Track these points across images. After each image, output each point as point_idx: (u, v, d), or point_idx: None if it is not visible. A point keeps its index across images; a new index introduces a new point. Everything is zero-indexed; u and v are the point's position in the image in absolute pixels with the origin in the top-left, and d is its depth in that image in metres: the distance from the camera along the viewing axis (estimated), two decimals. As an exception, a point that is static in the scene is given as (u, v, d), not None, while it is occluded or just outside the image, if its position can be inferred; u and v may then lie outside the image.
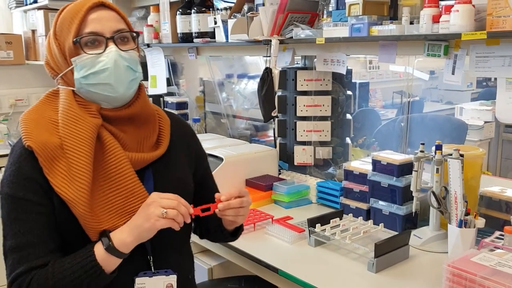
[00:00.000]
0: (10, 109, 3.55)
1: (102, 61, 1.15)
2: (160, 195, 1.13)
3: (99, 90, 1.17)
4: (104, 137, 1.17)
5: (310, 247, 1.66)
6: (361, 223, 1.73)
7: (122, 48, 1.18)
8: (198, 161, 1.40)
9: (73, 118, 1.15)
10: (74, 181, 1.11)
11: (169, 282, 1.22)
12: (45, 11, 3.27)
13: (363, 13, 1.69)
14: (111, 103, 1.20)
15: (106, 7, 1.19)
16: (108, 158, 1.16)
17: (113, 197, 1.15)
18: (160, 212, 1.09)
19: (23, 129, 1.15)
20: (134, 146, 1.21)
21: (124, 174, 1.16)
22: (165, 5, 2.70)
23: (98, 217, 1.13)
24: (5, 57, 3.46)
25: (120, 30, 1.18)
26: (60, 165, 1.12)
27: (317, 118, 2.24)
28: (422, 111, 3.78)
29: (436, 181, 1.58)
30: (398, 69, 2.84)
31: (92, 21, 1.15)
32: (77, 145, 1.13)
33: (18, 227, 1.12)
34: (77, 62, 1.16)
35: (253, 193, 2.10)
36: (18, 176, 1.13)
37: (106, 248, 1.10)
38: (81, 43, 1.15)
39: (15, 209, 1.12)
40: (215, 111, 3.17)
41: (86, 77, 1.16)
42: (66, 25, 1.16)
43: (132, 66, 1.19)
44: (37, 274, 1.09)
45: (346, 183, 1.93)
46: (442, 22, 1.49)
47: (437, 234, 1.65)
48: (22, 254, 1.11)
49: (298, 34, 1.97)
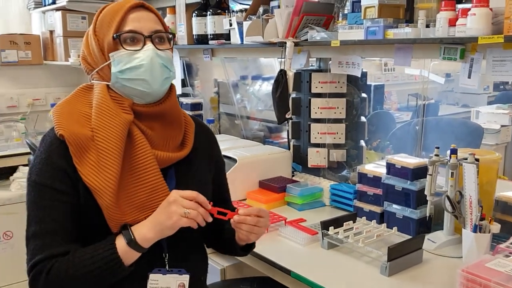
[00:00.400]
0: (27, 108, 3.60)
1: (139, 57, 1.20)
2: (180, 193, 1.16)
3: (134, 85, 1.21)
4: (134, 133, 1.20)
5: (323, 249, 1.66)
6: (374, 226, 1.73)
7: (158, 47, 1.22)
8: (218, 169, 1.44)
9: (107, 111, 1.19)
10: (102, 172, 1.14)
11: (181, 282, 1.24)
12: (63, 12, 3.31)
13: (379, 16, 1.68)
14: (144, 98, 1.23)
15: (146, 8, 1.24)
16: (135, 154, 1.19)
17: (137, 192, 1.18)
18: (182, 212, 1.13)
19: (56, 120, 1.19)
20: (161, 144, 1.25)
21: (150, 170, 1.19)
22: (181, 7, 2.73)
23: (121, 209, 1.16)
24: (23, 57, 3.51)
25: (158, 30, 1.23)
26: (90, 156, 1.16)
27: (331, 121, 2.24)
28: (437, 114, 3.75)
29: (451, 185, 1.58)
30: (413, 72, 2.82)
31: (132, 20, 1.20)
32: (108, 137, 1.16)
33: (43, 214, 1.15)
34: (115, 57, 1.20)
35: (266, 195, 2.11)
36: (47, 164, 1.16)
37: (127, 242, 1.13)
38: (120, 39, 1.19)
39: (41, 196, 1.15)
40: (229, 112, 3.19)
41: (123, 72, 1.20)
42: (107, 22, 1.21)
43: (167, 64, 1.23)
44: (57, 261, 1.12)
45: (360, 186, 1.93)
46: (459, 25, 1.49)
47: (451, 238, 1.64)
48: (44, 241, 1.13)
49: (313, 37, 1.97)
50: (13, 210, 2.85)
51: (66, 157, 1.16)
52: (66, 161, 1.16)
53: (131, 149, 1.19)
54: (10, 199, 2.87)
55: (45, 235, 1.14)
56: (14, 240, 2.89)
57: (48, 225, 1.14)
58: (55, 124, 1.18)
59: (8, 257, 2.87)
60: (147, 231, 1.15)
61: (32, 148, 2.47)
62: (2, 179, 3.07)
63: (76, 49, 3.28)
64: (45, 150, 1.19)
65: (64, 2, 3.17)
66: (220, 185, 1.46)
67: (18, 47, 3.48)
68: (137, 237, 1.14)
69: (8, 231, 2.89)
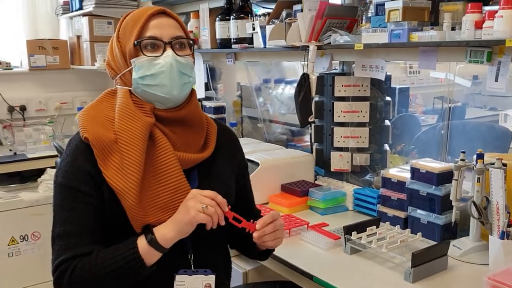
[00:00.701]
0: (55, 111, 3.68)
1: (159, 63, 1.22)
2: (199, 191, 1.18)
3: (154, 91, 1.23)
4: (156, 135, 1.23)
5: (346, 254, 1.65)
6: (398, 231, 1.70)
7: (178, 53, 1.24)
8: (241, 171, 1.45)
9: (129, 115, 1.22)
10: (125, 173, 1.17)
11: (207, 282, 1.25)
12: (90, 17, 3.38)
13: (403, 19, 1.67)
14: (165, 103, 1.26)
15: (167, 15, 1.26)
16: (158, 155, 1.21)
17: (160, 192, 1.20)
18: (200, 207, 1.14)
19: (81, 123, 1.23)
20: (183, 146, 1.27)
21: (172, 171, 1.21)
22: (205, 11, 2.75)
23: (144, 210, 1.18)
24: (51, 62, 3.59)
25: (178, 36, 1.25)
26: (114, 158, 1.19)
27: (354, 124, 2.22)
28: (464, 117, 3.68)
29: (477, 190, 1.54)
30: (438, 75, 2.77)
31: (152, 27, 1.23)
32: (131, 139, 1.19)
33: (68, 216, 1.18)
34: (136, 63, 1.23)
35: (289, 199, 2.11)
36: (73, 167, 1.20)
37: (148, 241, 1.15)
38: (141, 46, 1.22)
39: (67, 198, 1.19)
40: (251, 116, 3.19)
41: (143, 78, 1.23)
42: (129, 29, 1.24)
43: (186, 71, 1.25)
44: (81, 261, 1.15)
45: (384, 191, 1.91)
46: (486, 28, 1.46)
47: (478, 245, 1.61)
48: (69, 241, 1.17)
49: (336, 40, 1.97)
50: (41, 212, 2.92)
51: (91, 160, 1.19)
52: (91, 163, 1.19)
53: (154, 151, 1.22)
54: (38, 201, 2.93)
55: (69, 236, 1.17)
56: (41, 241, 2.96)
57: (72, 226, 1.18)
58: (80, 128, 1.22)
59: (36, 258, 2.93)
60: (167, 231, 1.17)
61: (59, 151, 2.52)
62: (31, 181, 3.14)
63: (102, 54, 3.34)
64: (71, 153, 1.22)
65: (91, 8, 3.24)
66: (244, 187, 1.47)
67: (47, 52, 3.56)
68: (158, 236, 1.16)
69: (36, 232, 2.96)
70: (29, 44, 3.51)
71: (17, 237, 2.92)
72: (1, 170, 3.01)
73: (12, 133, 3.37)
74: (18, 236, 2.91)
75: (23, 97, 3.57)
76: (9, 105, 3.50)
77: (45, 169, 3.08)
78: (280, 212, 2.01)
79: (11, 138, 3.32)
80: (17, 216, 2.88)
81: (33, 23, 3.68)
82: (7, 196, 2.93)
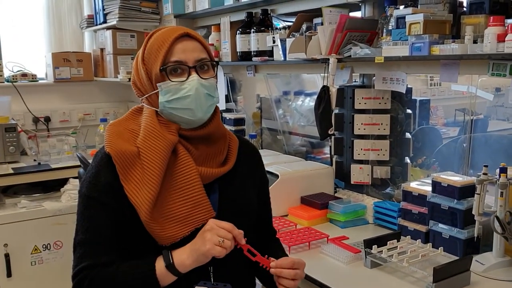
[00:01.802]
0: (78, 122, 3.76)
1: (185, 88, 1.26)
2: (217, 222, 1.20)
3: (180, 113, 1.27)
4: (179, 151, 1.26)
5: (366, 268, 1.63)
6: (419, 246, 1.69)
7: (202, 76, 1.27)
8: (261, 186, 1.47)
9: (153, 133, 1.26)
10: (143, 189, 1.20)
11: None
12: (113, 30, 3.45)
13: (424, 32, 1.66)
14: (190, 124, 1.30)
15: (191, 38, 1.29)
16: (180, 170, 1.25)
17: (180, 206, 1.23)
18: (217, 240, 1.16)
19: (106, 138, 1.27)
20: (204, 161, 1.30)
21: (193, 185, 1.24)
22: (226, 24, 2.79)
23: (161, 224, 1.21)
24: (76, 74, 3.68)
25: (202, 59, 1.28)
26: (135, 173, 1.22)
27: (375, 137, 2.21)
28: (486, 130, 3.62)
29: (500, 205, 1.52)
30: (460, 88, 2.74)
31: (177, 51, 1.26)
32: (153, 157, 1.22)
33: (88, 225, 1.23)
34: (163, 88, 1.27)
35: (308, 211, 2.10)
36: (96, 178, 1.24)
37: (166, 265, 1.18)
38: (166, 71, 1.25)
39: (88, 208, 1.24)
40: (271, 127, 3.20)
41: (170, 102, 1.26)
42: (154, 52, 1.27)
43: (210, 93, 1.29)
44: (100, 272, 1.19)
45: (405, 204, 1.89)
46: (508, 41, 1.45)
47: (502, 261, 1.58)
48: (89, 249, 1.21)
49: (356, 53, 1.97)
50: (63, 221, 2.97)
51: (113, 173, 1.23)
52: (113, 177, 1.23)
53: (176, 165, 1.25)
54: (61, 210, 2.99)
55: (90, 244, 1.22)
56: (63, 250, 3.01)
57: (92, 235, 1.22)
58: (105, 142, 1.26)
59: (58, 266, 2.98)
60: (185, 258, 1.19)
61: (82, 161, 2.57)
62: (54, 191, 3.20)
63: (124, 66, 3.41)
64: (95, 165, 1.27)
65: (114, 22, 3.31)
66: (263, 203, 1.48)
67: (71, 64, 3.65)
68: (176, 262, 1.19)
69: (58, 241, 3.01)
70: (54, 56, 3.60)
71: (40, 246, 2.97)
72: (25, 179, 3.08)
73: (37, 143, 3.45)
74: (41, 245, 2.97)
75: (47, 108, 3.66)
76: (34, 116, 3.59)
77: (68, 179, 3.14)
78: (300, 224, 2.03)
79: (36, 148, 3.39)
80: (40, 225, 2.94)
81: (59, 36, 3.78)
82: (31, 205, 2.99)
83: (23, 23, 3.68)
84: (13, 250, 2.87)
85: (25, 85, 3.55)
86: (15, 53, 3.61)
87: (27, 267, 2.93)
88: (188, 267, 1.20)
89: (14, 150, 3.20)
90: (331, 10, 2.11)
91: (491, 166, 1.60)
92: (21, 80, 3.53)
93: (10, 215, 2.88)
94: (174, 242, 1.22)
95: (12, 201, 3.04)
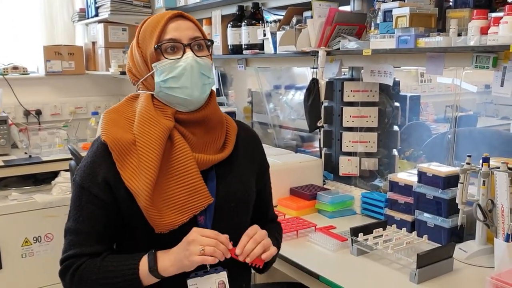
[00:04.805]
0: (70, 116, 3.76)
1: (180, 66, 1.25)
2: (200, 232, 1.19)
3: (176, 93, 1.26)
4: (175, 137, 1.26)
5: (352, 256, 1.67)
6: (404, 234, 1.72)
7: (198, 54, 1.27)
8: (260, 172, 1.46)
9: (149, 119, 1.25)
10: (141, 175, 1.20)
11: (220, 280, 1.26)
12: (105, 24, 3.46)
13: (410, 25, 1.70)
14: (187, 105, 1.29)
15: (184, 18, 1.30)
16: (176, 157, 1.25)
17: (177, 193, 1.23)
18: (198, 250, 1.16)
19: (102, 126, 1.27)
20: (201, 147, 1.30)
21: (190, 172, 1.24)
22: (217, 18, 2.81)
23: (160, 211, 1.21)
24: (67, 67, 3.68)
25: (196, 37, 1.28)
26: (132, 160, 1.23)
27: (363, 129, 2.25)
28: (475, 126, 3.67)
29: (483, 194, 1.56)
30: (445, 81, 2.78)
31: (171, 29, 1.26)
32: (149, 143, 1.22)
33: (79, 214, 1.24)
34: (158, 67, 1.26)
35: (297, 202, 2.13)
36: (90, 168, 1.25)
37: (149, 269, 1.19)
38: (161, 49, 1.25)
39: (79, 197, 1.25)
40: (262, 121, 3.23)
41: (166, 81, 1.26)
42: (148, 33, 1.28)
43: (205, 72, 1.29)
44: (85, 263, 1.21)
45: (391, 195, 1.93)
46: (491, 33, 1.48)
47: (484, 248, 1.62)
48: (77, 238, 1.24)
49: (345, 46, 2.00)
50: (54, 213, 2.98)
51: (108, 162, 1.23)
52: (107, 166, 1.23)
53: (172, 152, 1.25)
54: (52, 203, 2.99)
55: (78, 233, 1.24)
56: (54, 242, 3.01)
57: (81, 224, 1.24)
58: (101, 130, 1.26)
59: (49, 259, 2.98)
60: (169, 265, 1.20)
61: (73, 154, 2.58)
62: (45, 183, 3.21)
63: (116, 60, 3.41)
64: (91, 154, 1.27)
65: (106, 15, 3.31)
66: (263, 189, 1.47)
67: (62, 57, 3.64)
68: (159, 267, 1.20)
69: (49, 233, 3.02)
70: (46, 50, 3.60)
71: (30, 239, 2.98)
72: (16, 172, 3.08)
73: (28, 136, 3.44)
74: (31, 237, 2.98)
75: (38, 102, 3.65)
76: (25, 109, 3.58)
77: (59, 172, 3.14)
78: (288, 214, 2.06)
79: (27, 141, 3.39)
80: (31, 218, 2.95)
81: (50, 30, 3.77)
82: (22, 197, 3.00)
83: (14, 16, 3.66)
84: (4, 242, 2.88)
85: (16, 78, 3.54)
86: (6, 46, 3.60)
87: (17, 260, 2.93)
88: (172, 273, 1.20)
89: (4, 143, 3.20)
90: (321, 3, 2.14)
91: (476, 158, 1.64)
92: (12, 73, 3.52)
93: (1, 207, 2.88)
94: (172, 229, 1.22)
95: (3, 194, 3.04)
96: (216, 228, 1.26)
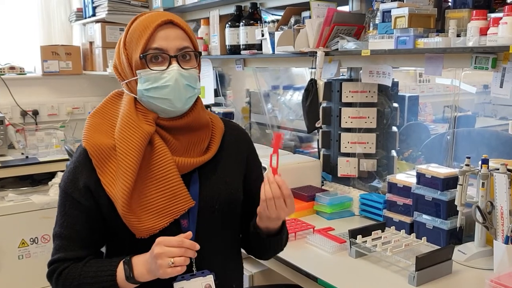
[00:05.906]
0: (67, 116, 3.75)
1: (164, 78, 1.22)
2: (164, 242, 1.15)
3: (158, 103, 1.24)
4: (155, 141, 1.24)
5: (351, 258, 1.66)
6: (403, 236, 1.71)
7: (184, 66, 1.24)
8: (249, 167, 1.42)
9: (129, 124, 1.24)
10: (119, 181, 1.20)
11: (207, 283, 1.25)
12: (103, 24, 3.44)
13: (409, 26, 1.69)
14: (168, 114, 1.27)
15: (175, 25, 1.25)
16: (156, 161, 1.23)
17: (156, 198, 1.22)
18: (167, 263, 1.13)
19: (84, 132, 1.27)
20: (183, 151, 1.28)
21: (169, 176, 1.23)
22: (215, 18, 2.79)
23: (138, 216, 1.20)
24: (64, 67, 3.66)
25: (184, 48, 1.24)
26: (111, 165, 1.22)
27: (362, 130, 2.24)
28: (473, 126, 3.67)
29: (482, 195, 1.55)
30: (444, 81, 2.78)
31: (159, 38, 1.22)
32: (127, 149, 1.21)
33: (64, 220, 1.25)
34: (142, 75, 1.24)
35: (295, 203, 2.08)
36: (72, 174, 1.25)
37: (126, 277, 1.19)
38: (146, 58, 1.22)
39: (64, 203, 1.25)
40: (260, 122, 3.22)
41: (148, 90, 1.24)
42: (136, 37, 1.24)
43: (191, 84, 1.25)
44: (68, 268, 1.23)
45: (390, 196, 1.92)
46: (490, 34, 1.47)
47: (483, 250, 1.61)
48: (63, 243, 1.25)
49: (343, 46, 1.99)
50: (51, 214, 2.88)
51: (89, 168, 1.23)
52: (88, 172, 1.23)
53: (152, 157, 1.24)
54: (49, 204, 2.98)
55: (63, 238, 1.25)
56: (51, 244, 2.98)
57: (66, 230, 1.24)
58: (82, 136, 1.26)
59: (45, 260, 2.91)
60: (145, 272, 1.19)
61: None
62: (42, 184, 3.19)
63: (113, 60, 3.39)
64: (74, 160, 1.27)
65: (103, 15, 3.30)
66: (254, 184, 1.40)
67: (60, 57, 3.63)
68: (136, 274, 1.19)
69: (46, 234, 3.00)
70: (43, 50, 3.58)
71: (27, 240, 2.97)
72: (13, 173, 3.07)
73: (25, 137, 3.43)
74: (28, 238, 2.96)
75: (35, 102, 3.64)
76: (22, 110, 3.57)
77: (56, 173, 3.13)
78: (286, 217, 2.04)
79: (23, 142, 3.38)
80: (27, 219, 2.93)
81: (47, 30, 3.75)
82: (19, 198, 2.98)
83: (11, 16, 3.65)
84: (0, 244, 2.86)
85: (13, 78, 3.53)
86: (3, 46, 3.58)
87: (14, 261, 2.92)
88: (150, 279, 1.19)
89: (1, 143, 3.19)
90: (319, 3, 2.12)
91: (475, 159, 1.63)
92: (9, 73, 3.51)
93: (-3, 208, 2.87)
94: (153, 234, 1.20)
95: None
96: (200, 230, 1.26)
